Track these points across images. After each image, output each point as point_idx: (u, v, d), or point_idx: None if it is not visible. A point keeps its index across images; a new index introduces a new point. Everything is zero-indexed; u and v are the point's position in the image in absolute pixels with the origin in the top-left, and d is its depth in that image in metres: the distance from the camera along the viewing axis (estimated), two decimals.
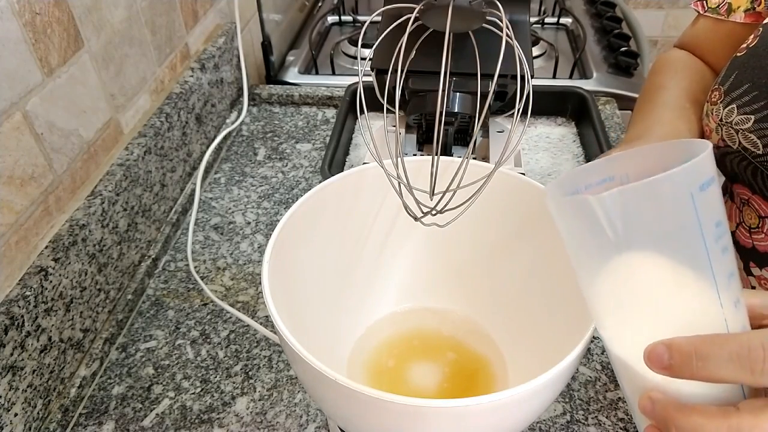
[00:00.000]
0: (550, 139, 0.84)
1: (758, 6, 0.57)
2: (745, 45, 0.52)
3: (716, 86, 0.53)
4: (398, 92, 0.46)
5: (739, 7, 0.59)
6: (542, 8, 1.21)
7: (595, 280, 0.31)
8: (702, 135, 0.55)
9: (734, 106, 0.50)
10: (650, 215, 0.28)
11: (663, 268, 0.29)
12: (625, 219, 0.28)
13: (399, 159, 0.43)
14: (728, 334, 0.29)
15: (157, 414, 0.53)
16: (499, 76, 0.44)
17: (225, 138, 0.86)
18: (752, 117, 0.48)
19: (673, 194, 0.27)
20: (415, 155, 0.66)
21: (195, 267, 0.67)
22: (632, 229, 0.28)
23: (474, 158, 0.53)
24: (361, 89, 0.46)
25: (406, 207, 0.45)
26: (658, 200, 0.27)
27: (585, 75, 0.99)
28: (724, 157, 0.52)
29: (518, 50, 0.44)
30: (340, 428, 0.47)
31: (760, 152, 0.48)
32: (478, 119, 0.46)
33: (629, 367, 0.32)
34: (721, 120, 0.51)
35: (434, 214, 0.44)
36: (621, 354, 0.32)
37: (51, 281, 0.51)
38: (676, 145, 0.30)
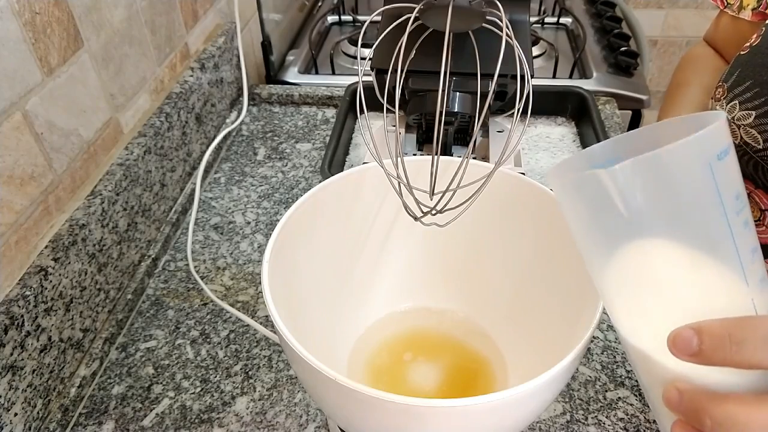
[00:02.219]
0: (550, 139, 0.84)
1: (762, 7, 0.58)
2: (748, 44, 0.53)
3: (720, 83, 0.54)
4: (398, 92, 0.46)
5: (748, 5, 0.60)
6: (542, 8, 1.21)
7: (607, 265, 0.28)
8: None
9: (736, 102, 0.51)
10: (666, 188, 0.25)
11: (682, 246, 0.26)
12: (639, 193, 0.25)
13: (399, 159, 0.43)
14: (761, 316, 0.27)
15: (157, 414, 0.53)
16: (499, 75, 0.44)
17: (225, 138, 0.86)
18: (753, 113, 0.49)
19: (689, 164, 0.24)
20: (415, 155, 0.66)
21: (195, 267, 0.67)
22: (647, 204, 0.25)
23: (474, 158, 0.53)
24: (361, 89, 0.46)
25: (406, 207, 0.45)
26: (675, 171, 0.25)
27: (585, 75, 0.99)
28: None
29: (518, 50, 0.44)
30: (340, 428, 0.48)
31: (760, 147, 0.49)
32: (478, 119, 0.46)
33: (649, 359, 0.29)
34: None
35: (434, 214, 0.44)
36: (639, 344, 0.29)
37: (51, 281, 0.51)
38: (688, 119, 0.27)
